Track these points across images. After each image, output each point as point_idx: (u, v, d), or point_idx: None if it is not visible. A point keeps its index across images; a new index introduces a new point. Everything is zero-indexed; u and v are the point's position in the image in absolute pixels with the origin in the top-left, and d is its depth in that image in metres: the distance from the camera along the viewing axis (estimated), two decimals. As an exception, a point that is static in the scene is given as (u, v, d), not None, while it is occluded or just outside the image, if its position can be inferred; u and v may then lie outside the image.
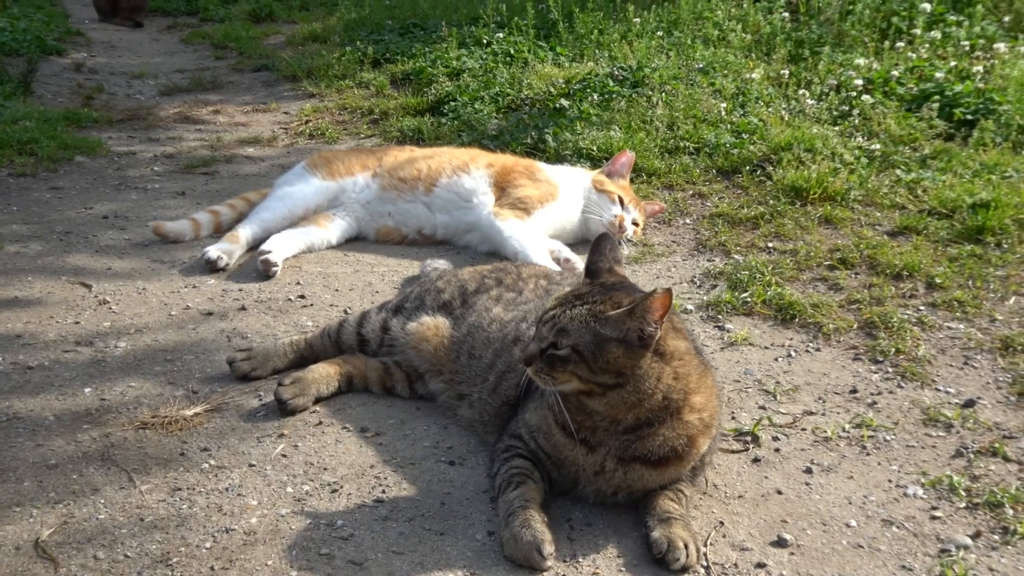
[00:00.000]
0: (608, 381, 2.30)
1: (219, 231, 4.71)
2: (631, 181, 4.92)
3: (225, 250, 4.29)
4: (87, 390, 3.17)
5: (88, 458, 2.74)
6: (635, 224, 4.59)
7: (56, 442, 2.83)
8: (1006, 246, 4.15)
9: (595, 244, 2.57)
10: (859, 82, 6.20)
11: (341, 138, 6.90)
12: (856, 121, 5.80)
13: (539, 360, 2.33)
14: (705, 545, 2.36)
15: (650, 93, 6.40)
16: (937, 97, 5.84)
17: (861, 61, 6.72)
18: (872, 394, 3.12)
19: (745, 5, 8.37)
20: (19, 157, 5.98)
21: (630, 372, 2.29)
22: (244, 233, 4.45)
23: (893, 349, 3.37)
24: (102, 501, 2.54)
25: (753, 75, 6.74)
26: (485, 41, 8.56)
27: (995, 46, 6.79)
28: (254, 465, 2.72)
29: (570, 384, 2.33)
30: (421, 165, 4.73)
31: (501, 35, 8.61)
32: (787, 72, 6.76)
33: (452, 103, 7.01)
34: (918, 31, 7.26)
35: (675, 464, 2.42)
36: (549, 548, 2.26)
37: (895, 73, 6.32)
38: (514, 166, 4.73)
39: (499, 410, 2.77)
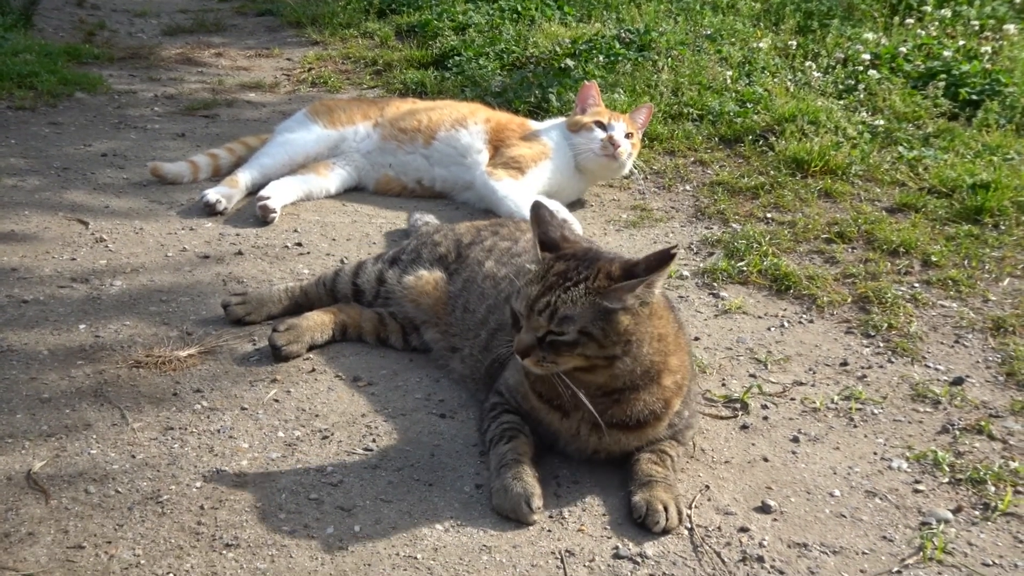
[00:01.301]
0: (617, 352, 2.26)
1: (217, 175, 4.69)
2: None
3: (224, 194, 4.27)
4: (82, 326, 3.17)
5: (81, 393, 2.76)
6: (629, 136, 4.49)
7: (50, 376, 2.84)
8: (1003, 227, 4.16)
9: (535, 216, 2.43)
10: (866, 57, 6.18)
11: (344, 88, 6.85)
12: (861, 96, 5.78)
13: (539, 349, 2.26)
14: (689, 508, 2.38)
15: (656, 58, 6.37)
16: (944, 76, 5.82)
17: (870, 36, 6.69)
18: (862, 367, 3.15)
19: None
20: (19, 90, 5.94)
21: (635, 338, 2.26)
22: (243, 178, 4.44)
23: (886, 324, 3.39)
24: (94, 436, 2.55)
25: (760, 44, 6.70)
26: (492, -4, 8.49)
27: (1004, 27, 6.76)
28: (246, 409, 2.74)
29: (571, 364, 2.28)
30: (422, 117, 4.71)
31: (509, -10, 8.54)
32: (795, 43, 6.73)
33: (457, 58, 6.97)
34: (928, 8, 7.23)
35: (653, 426, 2.43)
36: (538, 502, 2.29)
37: (903, 50, 6.29)
38: (508, 123, 4.70)
39: (489, 367, 2.78)
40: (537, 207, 2.45)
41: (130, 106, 6.08)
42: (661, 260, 2.21)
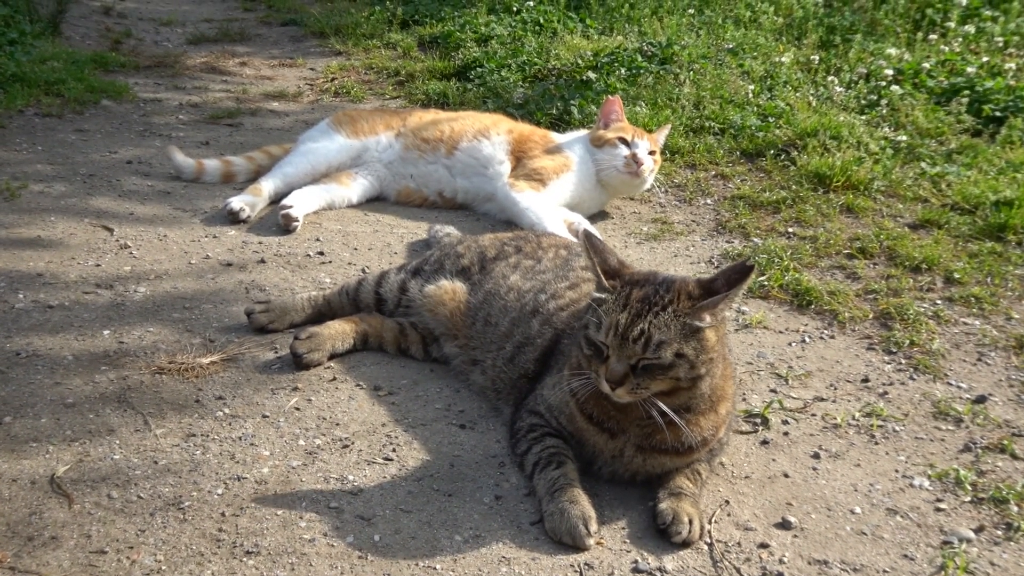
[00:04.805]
0: (702, 372, 2.28)
1: (229, 181, 4.76)
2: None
3: (248, 202, 4.31)
4: (106, 332, 3.20)
5: (105, 399, 2.78)
6: (652, 154, 4.50)
7: (74, 381, 2.87)
8: (1027, 245, 4.15)
9: (591, 245, 2.42)
10: (889, 72, 6.16)
11: (366, 98, 6.88)
12: (884, 111, 5.77)
13: (633, 376, 2.26)
14: (709, 523, 2.38)
15: (678, 71, 6.37)
16: (967, 92, 5.80)
17: (892, 51, 6.67)
18: (884, 384, 3.13)
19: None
20: (46, 97, 6.00)
21: (716, 357, 2.30)
22: (267, 186, 4.47)
23: (907, 341, 3.38)
24: (117, 442, 2.57)
25: (782, 59, 6.70)
26: (515, 8, 8.51)
27: (1029, 44, 6.74)
28: (267, 416, 2.75)
29: (659, 388, 2.28)
30: (444, 127, 4.73)
31: (531, 3, 8.56)
32: (817, 58, 6.72)
33: (479, 69, 6.99)
34: (952, 24, 7.20)
35: (698, 451, 2.45)
36: (595, 526, 2.28)
37: (926, 65, 6.28)
38: (530, 135, 4.72)
39: (516, 382, 2.78)
40: (588, 236, 2.45)
41: (155, 114, 6.13)
42: (740, 275, 2.24)
